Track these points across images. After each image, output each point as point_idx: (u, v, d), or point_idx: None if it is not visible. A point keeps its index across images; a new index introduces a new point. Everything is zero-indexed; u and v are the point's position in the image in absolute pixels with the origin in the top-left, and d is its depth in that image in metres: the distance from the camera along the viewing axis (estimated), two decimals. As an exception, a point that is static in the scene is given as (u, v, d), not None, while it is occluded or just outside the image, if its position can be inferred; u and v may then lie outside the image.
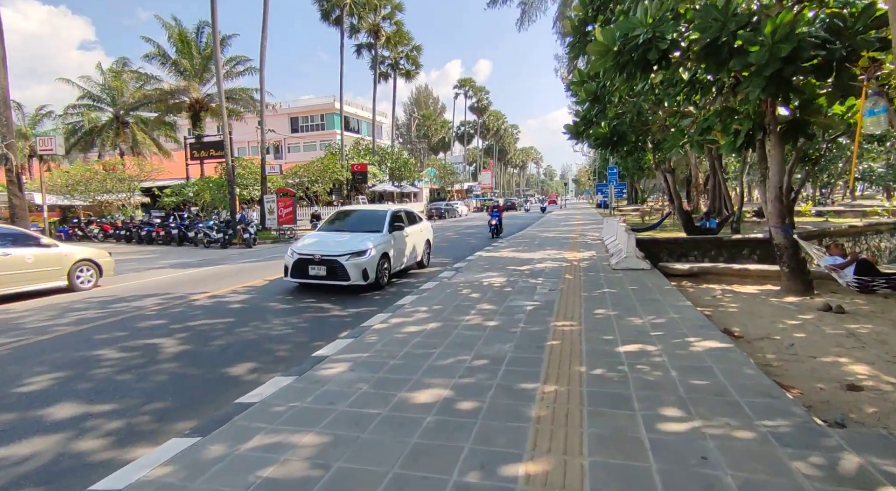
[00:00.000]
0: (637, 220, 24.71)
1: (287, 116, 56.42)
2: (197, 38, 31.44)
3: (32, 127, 33.74)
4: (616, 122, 10.31)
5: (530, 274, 8.43)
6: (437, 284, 7.81)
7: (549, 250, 11.97)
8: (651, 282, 7.34)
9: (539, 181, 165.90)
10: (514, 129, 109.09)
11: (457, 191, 65.68)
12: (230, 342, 5.52)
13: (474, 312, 5.80)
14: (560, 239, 15.29)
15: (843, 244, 13.61)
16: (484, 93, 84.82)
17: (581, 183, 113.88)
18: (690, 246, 13.61)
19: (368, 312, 6.78)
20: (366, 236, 8.47)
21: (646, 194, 47.71)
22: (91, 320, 6.72)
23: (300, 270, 8.20)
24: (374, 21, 37.43)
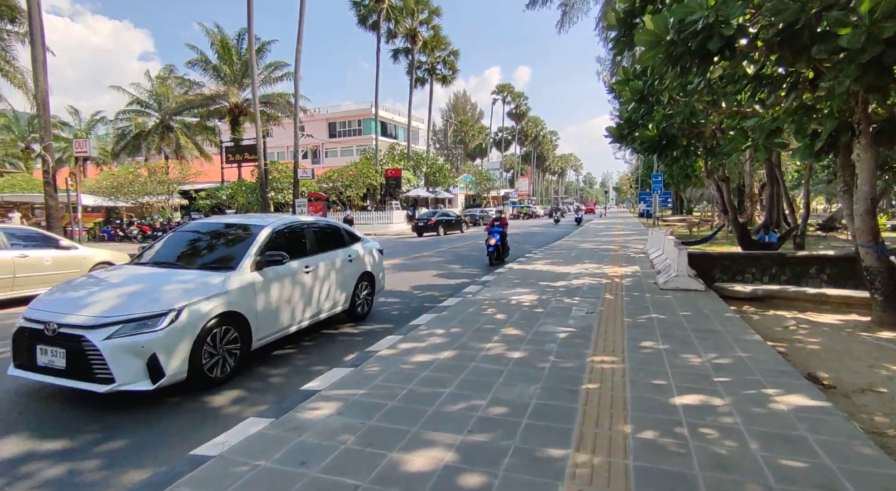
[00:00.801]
0: (684, 231, 23.10)
1: (325, 122, 57.40)
2: (238, 45, 32.20)
3: (87, 132, 35.53)
4: (665, 124, 9.27)
5: (565, 292, 7.53)
6: (459, 300, 7.05)
7: (588, 264, 10.97)
8: (707, 306, 6.30)
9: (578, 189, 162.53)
10: (553, 136, 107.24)
11: (493, 197, 64.79)
12: (222, 363, 4.94)
13: (497, 339, 5.00)
14: (599, 251, 14.20)
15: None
16: (522, 98, 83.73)
17: (622, 191, 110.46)
18: (748, 262, 12.25)
19: (381, 330, 6.13)
20: (189, 279, 4.40)
21: (692, 204, 45.22)
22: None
23: (25, 352, 3.96)
24: (412, 26, 37.28)
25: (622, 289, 7.71)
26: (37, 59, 11.04)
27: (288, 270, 5.18)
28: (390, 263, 13.38)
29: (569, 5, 26.98)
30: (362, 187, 32.37)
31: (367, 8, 33.58)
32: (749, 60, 7.26)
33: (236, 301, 4.46)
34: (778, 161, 14.86)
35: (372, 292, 6.95)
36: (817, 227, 22.71)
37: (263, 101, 34.28)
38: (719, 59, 6.23)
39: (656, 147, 8.63)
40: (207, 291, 4.25)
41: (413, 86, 40.49)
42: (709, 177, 14.63)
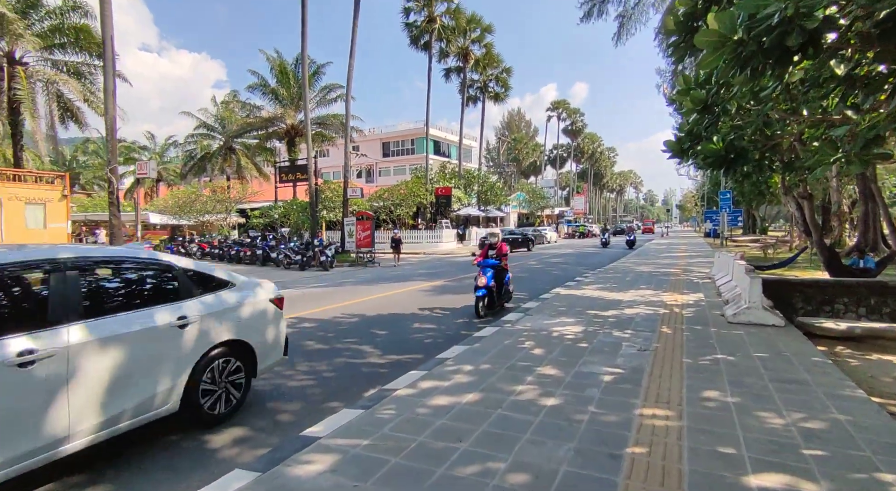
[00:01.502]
0: (757, 253, 21.03)
1: (379, 141, 59.02)
2: (295, 69, 33.79)
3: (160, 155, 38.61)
4: (733, 136, 8.29)
5: (615, 323, 6.72)
6: (496, 331, 6.45)
7: (644, 290, 9.98)
8: (789, 347, 5.31)
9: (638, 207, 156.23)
10: (611, 152, 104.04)
11: (547, 216, 63.38)
12: (235, 393, 4.67)
13: (530, 380, 4.37)
14: (658, 275, 13.04)
15: None
16: (579, 115, 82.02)
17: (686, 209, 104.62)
18: (839, 291, 10.66)
19: (408, 361, 5.67)
20: None
21: (767, 223, 41.67)
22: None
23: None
24: (463, 44, 37.57)
25: (682, 321, 6.78)
26: (108, 89, 11.92)
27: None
28: (432, 285, 12.99)
29: (626, 16, 26.02)
30: (412, 206, 32.52)
31: (419, 29, 34.25)
32: (839, 59, 6.28)
33: None
34: (873, 175, 13.08)
35: (248, 373, 4.17)
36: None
37: (318, 122, 35.67)
38: (800, 59, 5.36)
39: (723, 162, 7.66)
40: None
41: (465, 104, 40.64)
42: (787, 194, 13.13)
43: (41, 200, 14.66)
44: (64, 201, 15.10)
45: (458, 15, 35.42)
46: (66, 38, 22.33)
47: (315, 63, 34.08)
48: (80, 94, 20.98)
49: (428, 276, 15.52)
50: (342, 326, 7.73)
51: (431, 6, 34.14)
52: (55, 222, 14.98)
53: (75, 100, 21.65)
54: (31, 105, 19.59)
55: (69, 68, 22.10)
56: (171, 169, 41.09)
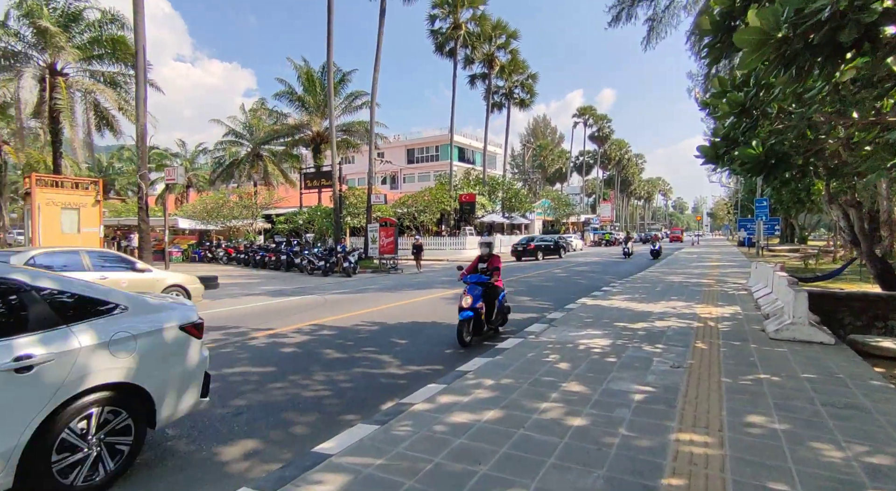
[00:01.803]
0: (797, 264, 20.02)
1: (404, 148, 59.46)
2: (321, 77, 34.33)
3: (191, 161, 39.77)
4: (773, 140, 7.83)
5: (645, 336, 6.36)
6: (519, 342, 6.19)
7: (675, 301, 9.53)
8: (841, 368, 4.87)
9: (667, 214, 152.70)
10: (639, 159, 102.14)
11: (572, 223, 62.47)
12: (251, 404, 4.56)
13: (555, 397, 4.11)
14: (690, 285, 12.49)
15: None
16: (605, 121, 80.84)
17: (718, 217, 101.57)
18: (893, 306, 9.96)
19: (428, 372, 5.48)
20: None
21: (806, 232, 39.91)
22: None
23: None
24: (489, 51, 37.48)
25: (718, 336, 6.37)
26: (139, 97, 12.26)
27: None
28: (455, 292, 12.79)
29: (656, 20, 25.42)
30: (436, 212, 32.46)
31: (444, 36, 34.34)
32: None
33: None
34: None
35: (141, 425, 3.18)
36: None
37: (343, 129, 36.06)
38: (853, 57, 4.98)
39: (762, 168, 7.22)
40: None
41: (490, 111, 40.51)
42: (831, 202, 12.39)
43: (76, 205, 15.14)
44: (97, 206, 15.55)
45: (484, 21, 35.40)
46: (104, 50, 23.21)
47: (341, 71, 34.58)
48: (115, 102, 21.74)
49: (450, 283, 15.32)
50: (361, 334, 7.59)
51: (457, 13, 34.22)
52: (88, 227, 15.44)
53: (111, 108, 22.46)
54: (69, 114, 20.39)
55: (105, 78, 22.94)
56: (201, 175, 42.27)
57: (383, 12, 25.05)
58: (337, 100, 35.71)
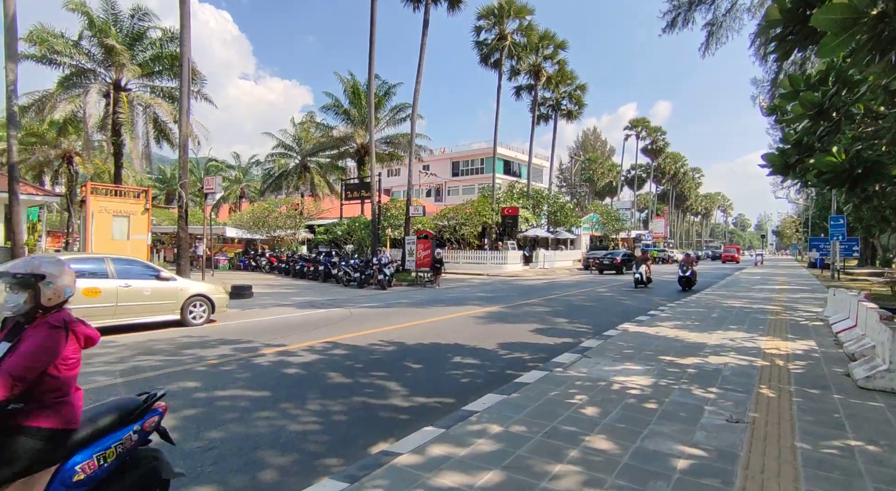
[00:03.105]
0: (882, 290, 17.66)
1: (449, 160, 59.50)
2: (367, 89, 34.94)
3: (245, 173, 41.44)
4: (860, 146, 6.62)
5: (696, 376, 5.36)
6: (543, 376, 5.37)
7: (734, 331, 8.29)
8: (958, 434, 3.74)
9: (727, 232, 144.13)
10: (696, 173, 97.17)
11: (622, 239, 59.82)
12: (228, 437, 4.05)
13: (573, 457, 3.30)
14: (752, 312, 11.06)
15: None
16: (660, 133, 77.59)
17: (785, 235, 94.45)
18: None
19: (435, 406, 4.81)
20: None
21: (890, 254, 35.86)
22: (121, 374, 6.13)
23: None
24: (535, 62, 36.68)
25: (789, 379, 5.26)
26: (182, 108, 12.56)
27: None
28: (487, 310, 12.03)
29: (716, 24, 23.82)
30: (477, 226, 31.78)
31: (489, 47, 33.94)
32: None
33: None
34: None
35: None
36: None
37: (387, 142, 36.39)
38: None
39: (845, 178, 6.07)
40: None
41: (535, 122, 39.56)
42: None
43: (126, 213, 15.74)
44: (146, 214, 16.11)
45: (531, 32, 34.73)
46: (162, 66, 24.54)
47: (386, 84, 35.01)
48: (171, 116, 22.79)
49: (485, 300, 14.57)
50: (374, 356, 7.02)
51: (503, 24, 33.79)
52: (137, 234, 16.01)
53: (168, 122, 23.60)
54: (130, 127, 21.58)
55: (164, 93, 24.17)
56: (253, 186, 43.97)
57: (426, 24, 24.98)
58: (381, 112, 36.20)
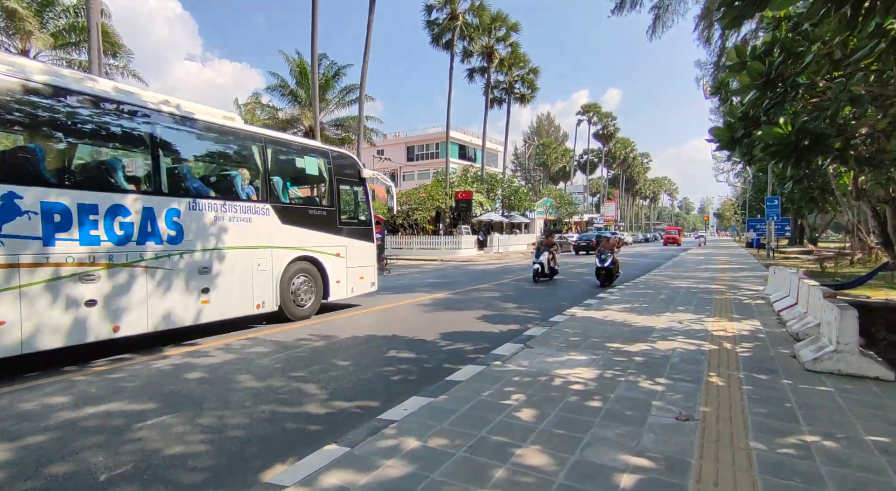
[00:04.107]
0: (812, 267, 18.48)
1: (404, 145, 58.30)
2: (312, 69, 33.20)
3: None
4: (806, 117, 6.41)
5: (644, 365, 4.96)
6: (478, 372, 4.80)
7: (682, 313, 8.09)
8: (912, 419, 3.47)
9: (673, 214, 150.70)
10: (645, 158, 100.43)
11: (575, 222, 60.99)
12: (74, 472, 3.20)
13: (499, 478, 2.72)
14: (699, 292, 11.05)
15: None
16: (610, 119, 79.21)
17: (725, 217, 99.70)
18: (932, 319, 8.52)
19: (356, 412, 4.14)
20: None
21: (816, 233, 38.22)
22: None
23: None
24: (488, 43, 36.00)
25: (738, 365, 4.96)
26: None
27: None
28: (434, 297, 11.43)
29: (662, 7, 23.97)
30: (431, 211, 31.11)
31: (440, 27, 32.91)
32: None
33: None
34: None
35: None
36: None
37: (337, 124, 34.92)
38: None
39: (791, 151, 5.82)
40: None
41: (489, 106, 39.04)
42: (860, 198, 10.96)
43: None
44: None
45: (482, 12, 33.94)
46: (81, 38, 22.10)
47: (335, 64, 33.41)
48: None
49: (435, 286, 13.98)
50: (299, 353, 6.24)
51: (454, 3, 32.81)
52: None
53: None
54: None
55: (84, 68, 21.80)
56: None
57: (373, 1, 23.73)
58: (331, 94, 34.56)
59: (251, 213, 7.41)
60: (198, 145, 7.35)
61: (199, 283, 6.69)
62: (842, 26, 4.10)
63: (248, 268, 7.37)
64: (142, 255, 6.01)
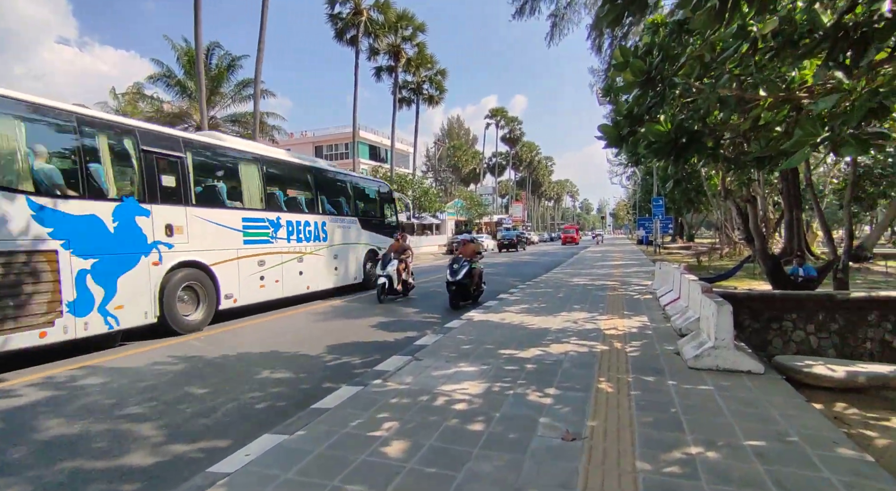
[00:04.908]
0: (691, 261, 20.34)
1: (312, 145, 55.79)
2: (207, 60, 30.30)
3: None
4: (683, 116, 6.64)
5: (535, 374, 4.65)
6: (355, 393, 4.15)
7: (577, 313, 8.10)
8: (789, 418, 3.45)
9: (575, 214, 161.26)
10: (549, 161, 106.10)
11: (486, 223, 62.44)
12: None
13: (346, 547, 2.13)
14: (594, 289, 11.37)
15: None
16: (517, 123, 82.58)
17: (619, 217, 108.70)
18: (788, 306, 9.46)
19: (195, 457, 3.29)
20: None
21: (693, 230, 42.72)
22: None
23: None
24: (394, 42, 35.38)
25: (627, 367, 4.84)
26: None
27: None
28: (332, 304, 10.52)
29: (559, 16, 25.05)
30: (337, 212, 29.79)
31: (344, 21, 31.63)
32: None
33: None
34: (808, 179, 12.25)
35: None
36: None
37: (233, 120, 32.24)
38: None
39: (671, 148, 5.92)
40: None
41: (397, 106, 38.41)
42: (727, 197, 12.03)
43: None
44: None
45: (387, 9, 33.23)
46: None
47: (230, 55, 30.72)
48: None
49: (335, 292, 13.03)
50: (145, 382, 5.13)
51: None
52: None
53: None
54: None
55: None
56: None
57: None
58: (226, 87, 31.72)
59: (349, 224, 12.17)
60: (332, 186, 12.00)
61: (333, 263, 11.38)
62: (710, 20, 4.10)
63: (350, 255, 12.08)
64: (302, 248, 10.30)
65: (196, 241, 7.64)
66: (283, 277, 9.61)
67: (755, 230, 10.79)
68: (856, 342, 9.50)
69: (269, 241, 9.25)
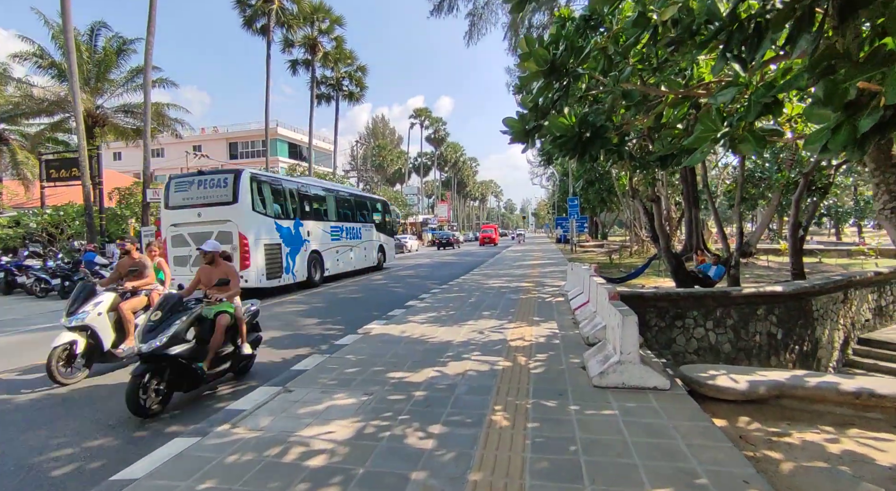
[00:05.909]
0: (603, 259, 21.02)
1: (225, 141, 51.96)
2: (91, 42, 26.65)
3: None
4: (587, 109, 6.34)
5: (422, 404, 3.94)
6: (178, 453, 3.18)
7: (486, 320, 7.55)
8: (689, 441, 3.04)
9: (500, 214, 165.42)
10: (473, 162, 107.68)
11: (411, 223, 61.72)
12: None
13: None
14: (508, 292, 11.00)
15: None
16: (441, 123, 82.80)
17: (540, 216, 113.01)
18: (690, 304, 9.66)
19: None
20: None
21: (606, 229, 45.03)
22: None
23: None
24: (311, 34, 33.46)
25: (528, 387, 4.29)
26: None
27: None
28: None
29: (477, 15, 24.92)
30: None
31: (252, 8, 29.28)
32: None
33: None
34: (705, 180, 12.83)
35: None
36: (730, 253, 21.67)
37: (125, 111, 28.66)
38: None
39: (576, 143, 5.52)
40: None
41: (315, 101, 36.41)
42: (634, 197, 12.31)
43: None
44: None
45: (300, 0, 31.30)
46: None
47: (120, 37, 27.12)
48: None
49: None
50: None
51: (266, -18, 29.58)
52: None
53: None
54: None
55: None
56: None
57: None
58: (115, 73, 28.02)
59: (369, 228, 18.64)
60: (362, 204, 18.73)
61: (363, 253, 17.95)
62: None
63: (371, 248, 18.59)
64: (351, 243, 16.92)
65: (315, 239, 14.11)
66: (345, 259, 16.34)
67: (660, 229, 11.04)
68: (748, 336, 9.94)
69: (339, 240, 15.93)
